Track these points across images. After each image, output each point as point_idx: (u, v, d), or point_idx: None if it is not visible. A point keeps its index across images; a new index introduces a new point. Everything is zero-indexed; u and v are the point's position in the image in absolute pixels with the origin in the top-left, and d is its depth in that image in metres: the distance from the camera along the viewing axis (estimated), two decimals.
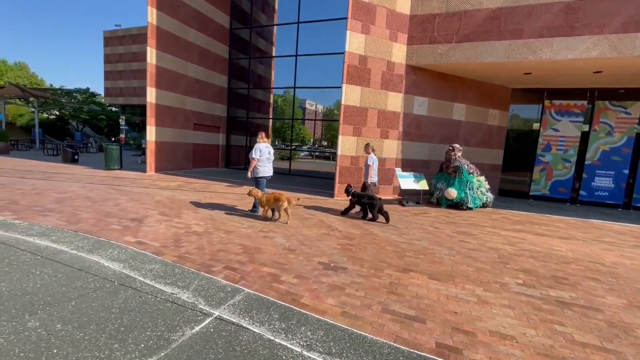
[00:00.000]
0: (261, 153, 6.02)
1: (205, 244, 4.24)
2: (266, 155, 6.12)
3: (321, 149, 34.63)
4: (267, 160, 6.17)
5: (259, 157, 5.99)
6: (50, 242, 3.90)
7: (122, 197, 6.96)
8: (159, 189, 8.36)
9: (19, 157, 15.37)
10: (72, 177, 9.35)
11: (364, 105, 8.74)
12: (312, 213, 6.66)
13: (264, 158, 6.08)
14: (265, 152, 6.10)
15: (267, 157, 6.15)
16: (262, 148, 6.03)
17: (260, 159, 6.04)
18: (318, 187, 10.82)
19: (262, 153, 6.03)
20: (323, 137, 55.90)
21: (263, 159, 6.08)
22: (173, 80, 12.04)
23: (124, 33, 25.37)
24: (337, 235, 5.10)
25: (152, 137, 11.41)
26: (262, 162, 6.10)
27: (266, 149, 6.12)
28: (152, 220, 5.24)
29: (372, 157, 6.71)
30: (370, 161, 6.66)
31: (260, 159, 6.02)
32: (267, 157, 6.16)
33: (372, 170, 6.66)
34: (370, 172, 6.66)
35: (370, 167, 6.63)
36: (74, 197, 6.62)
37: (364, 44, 8.49)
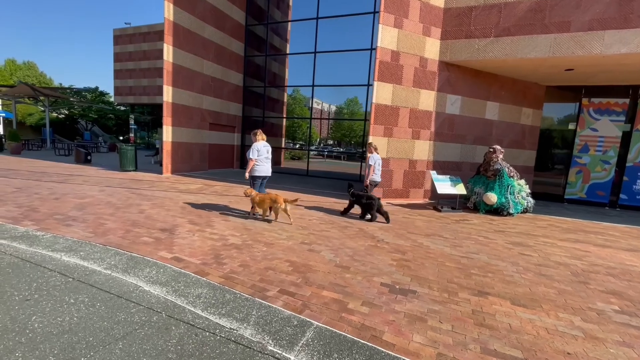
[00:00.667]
0: (259, 153, 5.74)
1: (249, 261, 3.79)
2: (265, 154, 5.84)
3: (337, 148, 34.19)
4: (265, 160, 5.89)
5: (257, 157, 5.73)
6: (79, 259, 3.47)
7: (145, 202, 6.54)
8: (180, 192, 7.94)
9: (31, 157, 15.10)
10: (88, 180, 8.98)
11: (395, 104, 8.24)
12: (349, 221, 6.19)
13: (262, 157, 5.81)
14: (264, 151, 5.83)
15: (265, 156, 5.86)
16: (260, 147, 5.75)
17: (259, 158, 5.77)
18: (341, 189, 10.33)
19: (260, 152, 5.75)
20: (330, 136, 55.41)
21: (262, 158, 5.81)
22: (189, 78, 11.62)
23: (134, 31, 25.05)
24: (386, 249, 4.63)
25: (169, 137, 11.01)
26: (261, 161, 5.82)
27: (264, 147, 5.84)
28: (183, 230, 4.81)
29: (374, 156, 6.58)
30: (372, 161, 6.54)
31: (258, 158, 5.76)
32: (266, 156, 5.88)
33: (374, 169, 6.56)
34: (371, 171, 6.54)
35: (371, 167, 6.51)
36: (94, 202, 6.22)
37: (397, 39, 7.99)
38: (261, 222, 5.62)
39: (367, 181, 6.63)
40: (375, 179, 6.67)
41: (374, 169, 6.55)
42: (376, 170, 6.62)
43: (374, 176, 6.63)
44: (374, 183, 6.71)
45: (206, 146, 12.89)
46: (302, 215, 6.39)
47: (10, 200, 5.91)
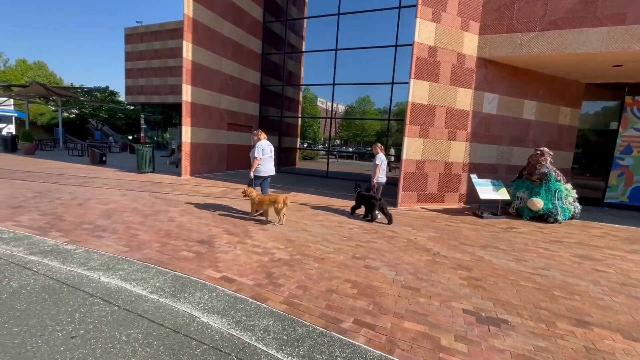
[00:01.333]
0: (263, 152, 5.74)
1: (306, 281, 3.36)
2: (268, 153, 5.83)
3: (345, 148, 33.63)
4: (269, 159, 5.87)
5: (261, 156, 5.72)
6: (119, 280, 3.07)
7: (172, 208, 6.16)
8: (204, 196, 7.56)
9: (45, 157, 14.87)
10: (107, 183, 8.64)
11: (431, 103, 7.76)
12: (393, 230, 5.74)
13: (266, 156, 5.80)
14: (268, 151, 5.81)
15: (269, 155, 5.86)
16: (264, 146, 5.75)
17: (263, 157, 5.76)
18: None
19: (264, 152, 5.75)
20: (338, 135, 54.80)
21: (265, 157, 5.80)
22: (208, 76, 11.24)
23: (145, 30, 24.77)
24: (447, 264, 4.17)
25: (188, 138, 10.65)
26: (264, 161, 5.82)
27: (268, 146, 5.84)
28: (222, 242, 4.40)
29: (381, 156, 6.54)
30: (379, 161, 6.50)
31: (262, 157, 5.75)
32: (269, 155, 5.88)
33: (380, 170, 6.51)
34: (377, 172, 6.50)
35: (378, 167, 6.47)
36: (120, 209, 5.85)
37: (434, 34, 7.50)
38: (301, 232, 5.20)
39: (374, 181, 6.54)
40: (380, 180, 6.60)
41: (379, 169, 6.47)
42: (381, 170, 6.55)
43: (379, 177, 6.55)
44: (379, 183, 6.63)
45: (224, 147, 12.51)
46: (340, 222, 5.95)
47: (33, 207, 5.57)
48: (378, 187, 6.67)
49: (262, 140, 5.81)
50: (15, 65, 44.81)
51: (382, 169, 6.52)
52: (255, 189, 5.84)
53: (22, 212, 5.23)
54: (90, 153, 13.55)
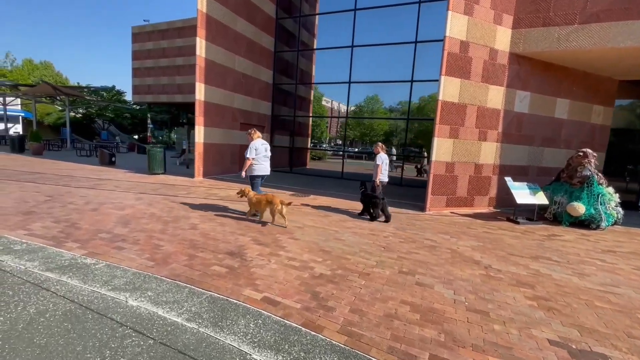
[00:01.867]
0: (257, 151, 5.59)
1: (359, 303, 2.95)
2: (263, 152, 5.67)
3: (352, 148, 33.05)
4: (264, 158, 5.72)
5: (254, 156, 5.59)
6: (150, 303, 2.68)
7: (191, 214, 5.78)
8: (222, 200, 7.19)
9: (53, 157, 14.59)
10: (119, 185, 8.29)
11: (462, 101, 7.31)
12: (431, 238, 5.31)
13: (260, 156, 5.65)
14: (262, 150, 5.66)
15: (264, 155, 5.70)
16: (258, 146, 5.60)
17: (257, 157, 5.63)
18: (394, 196, 9.45)
19: (258, 151, 5.60)
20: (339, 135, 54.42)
21: (260, 157, 5.66)
22: (221, 75, 10.86)
23: (152, 28, 24.46)
24: (505, 280, 3.74)
25: (201, 138, 10.28)
26: (259, 160, 5.68)
27: (262, 146, 5.68)
28: (254, 253, 4.00)
29: (382, 156, 6.51)
30: (379, 161, 6.47)
31: (257, 157, 5.61)
32: (264, 155, 5.72)
33: (381, 169, 6.49)
34: (378, 171, 6.47)
35: (379, 167, 6.45)
36: (137, 214, 5.47)
37: (466, 28, 7.05)
38: (334, 241, 4.79)
39: (377, 181, 6.49)
40: (382, 179, 6.58)
41: (381, 168, 6.44)
42: (383, 170, 6.51)
43: (381, 176, 6.51)
44: (382, 183, 6.59)
45: (237, 147, 12.13)
46: (372, 230, 5.54)
47: (45, 213, 5.21)
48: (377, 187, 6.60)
49: (256, 140, 5.65)
50: (22, 65, 44.88)
51: (383, 168, 6.51)
52: (254, 189, 5.77)
53: (34, 218, 4.87)
54: (99, 154, 13.24)
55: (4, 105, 22.54)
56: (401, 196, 9.53)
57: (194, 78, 10.08)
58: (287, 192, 8.78)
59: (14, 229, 4.34)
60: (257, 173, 5.73)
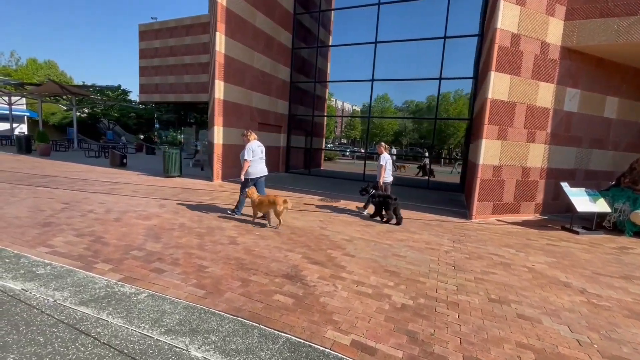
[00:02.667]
0: (254, 153, 5.55)
1: (469, 348, 2.38)
2: (259, 154, 5.67)
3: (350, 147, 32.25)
4: (260, 160, 5.71)
5: (252, 158, 5.53)
6: (219, 354, 2.12)
7: (224, 223, 5.23)
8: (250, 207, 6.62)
9: (61, 159, 14.07)
10: (137, 190, 7.74)
11: (512, 99, 6.72)
12: (496, 253, 4.72)
13: (256, 158, 5.62)
14: (258, 152, 5.65)
15: (260, 157, 5.69)
16: (254, 148, 5.58)
17: (253, 160, 5.58)
18: (432, 201, 8.87)
19: (255, 153, 5.56)
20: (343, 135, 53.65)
21: (256, 159, 5.62)
22: (240, 72, 10.30)
23: (160, 26, 23.90)
24: (613, 309, 3.17)
25: (220, 139, 9.73)
26: (255, 162, 5.63)
27: (258, 147, 5.67)
28: (313, 275, 3.44)
29: (385, 156, 6.46)
30: (383, 161, 6.40)
31: (253, 159, 5.56)
32: (260, 156, 5.71)
33: (385, 170, 6.43)
34: (383, 172, 6.39)
35: (382, 167, 6.37)
36: (166, 225, 4.92)
37: (518, 19, 6.46)
38: (393, 257, 4.21)
39: (381, 182, 6.41)
40: (386, 180, 6.52)
41: (384, 169, 6.38)
42: (387, 170, 6.45)
43: (385, 177, 6.44)
44: (385, 183, 6.52)
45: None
46: (428, 243, 4.96)
47: (65, 224, 4.66)
48: (385, 187, 6.53)
49: (252, 142, 5.62)
50: (26, 65, 44.54)
51: (387, 169, 6.44)
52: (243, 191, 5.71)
53: (54, 231, 4.32)
54: (110, 155, 12.70)
55: (9, 104, 22.05)
56: (435, 201, 8.94)
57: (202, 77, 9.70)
58: (314, 197, 8.21)
59: (33, 245, 3.79)
60: (252, 175, 5.65)
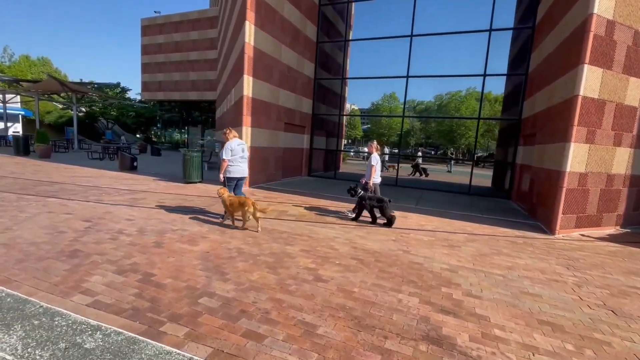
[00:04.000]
0: (233, 152, 5.27)
1: None
2: (240, 153, 5.36)
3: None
4: (240, 159, 5.40)
5: (230, 157, 5.27)
6: None
7: (289, 248, 4.28)
8: (296, 221, 5.70)
9: (63, 161, 12.96)
10: (162, 200, 6.74)
11: (601, 97, 5.85)
12: (635, 286, 3.83)
13: (237, 157, 5.33)
14: (239, 150, 5.34)
15: (240, 156, 5.38)
16: (234, 146, 5.28)
17: (233, 158, 5.30)
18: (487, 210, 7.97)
19: (234, 152, 5.28)
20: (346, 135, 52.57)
21: (236, 158, 5.33)
22: (269, 67, 9.34)
23: (164, 20, 22.77)
24: None
25: (248, 141, 8.75)
26: (235, 162, 5.34)
27: (239, 146, 5.35)
28: (462, 336, 2.50)
29: (376, 156, 6.21)
30: (374, 161, 6.16)
31: (233, 158, 5.29)
32: (241, 156, 5.40)
33: (376, 171, 6.18)
34: (373, 173, 6.15)
35: (373, 168, 6.12)
36: (222, 252, 3.96)
37: (614, 3, 5.59)
38: (529, 298, 3.30)
39: (370, 183, 6.14)
40: (375, 180, 6.24)
41: (375, 169, 6.13)
42: (377, 171, 6.20)
43: (374, 178, 6.17)
44: (374, 184, 6.25)
45: (280, 151, 10.62)
46: (542, 270, 4.04)
47: (97, 253, 3.67)
48: (375, 189, 6.29)
49: (232, 140, 5.33)
50: (19, 61, 42.91)
51: (377, 169, 6.22)
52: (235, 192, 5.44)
53: (86, 266, 3.33)
54: (119, 157, 11.63)
55: (4, 102, 20.79)
56: (491, 210, 8.05)
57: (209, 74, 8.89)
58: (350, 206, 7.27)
59: (65, 291, 2.81)
60: (232, 175, 5.36)
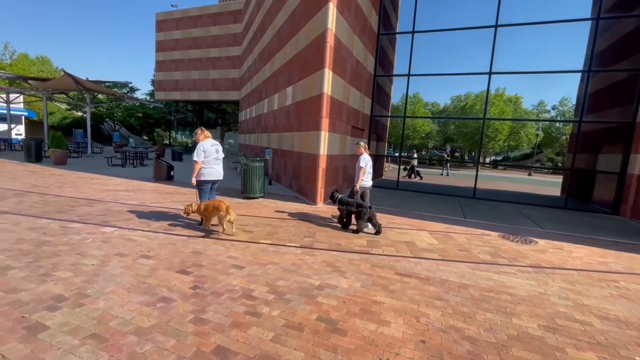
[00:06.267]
0: (206, 153, 4.87)
1: None
2: (213, 154, 4.97)
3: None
4: (214, 161, 5.00)
5: (202, 159, 4.86)
6: None
7: (467, 307, 2.79)
8: (444, 259, 4.20)
9: (81, 168, 11.36)
10: (249, 228, 5.22)
11: None
12: None
13: (211, 158, 4.92)
14: (213, 152, 4.95)
15: (214, 157, 4.99)
16: (206, 147, 4.89)
17: (207, 160, 4.89)
18: (608, 231, 6.52)
19: (207, 153, 4.88)
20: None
21: (210, 159, 4.92)
22: (343, 60, 7.87)
23: (181, 15, 21.18)
24: None
25: (325, 148, 7.26)
26: (209, 163, 4.93)
27: (212, 147, 4.96)
28: None
29: (366, 157, 5.67)
30: (363, 163, 5.62)
31: (205, 160, 4.88)
32: (215, 157, 5.01)
33: (365, 173, 5.66)
34: (362, 175, 5.61)
35: (362, 170, 5.61)
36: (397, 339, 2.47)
37: None
38: None
39: (357, 186, 5.63)
40: (365, 184, 5.77)
41: (364, 171, 5.63)
42: (366, 173, 5.71)
43: (363, 181, 5.68)
44: (363, 188, 5.80)
45: (347, 158, 9.14)
46: None
47: (250, 353, 2.16)
48: (363, 192, 5.82)
49: (204, 140, 4.97)
50: (18, 60, 41.00)
51: (367, 172, 5.71)
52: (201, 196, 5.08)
53: None
54: (155, 166, 10.06)
55: (7, 102, 19.02)
56: (614, 231, 6.61)
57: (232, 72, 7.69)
58: (474, 230, 5.80)
59: None
60: (206, 178, 4.98)
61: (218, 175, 5.09)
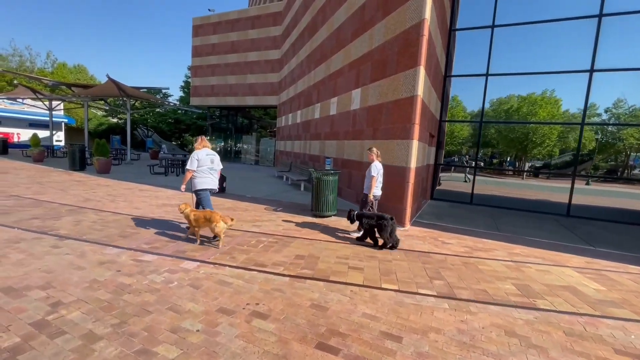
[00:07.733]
0: (200, 162, 4.79)
1: None
2: (207, 164, 4.86)
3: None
4: (208, 171, 4.88)
5: (195, 168, 4.76)
6: None
7: None
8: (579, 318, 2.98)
9: (124, 178, 10.80)
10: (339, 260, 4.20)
11: None
12: None
13: (204, 168, 4.82)
14: (207, 161, 4.85)
15: (208, 167, 4.87)
16: (200, 157, 4.81)
17: (200, 169, 4.79)
18: None
19: (201, 162, 4.80)
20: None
21: (203, 169, 4.82)
22: (430, 57, 6.77)
23: (219, 19, 20.79)
24: None
25: (414, 160, 6.17)
26: (202, 173, 4.82)
27: (207, 157, 4.87)
28: None
29: (377, 165, 5.27)
30: (375, 171, 5.21)
31: (199, 169, 4.78)
32: (209, 167, 4.88)
33: (377, 181, 5.26)
34: (373, 183, 5.21)
35: (374, 178, 5.20)
36: None
37: None
38: None
39: (370, 196, 5.23)
40: (376, 193, 5.34)
41: (376, 180, 5.23)
42: (378, 182, 5.32)
43: (375, 190, 5.29)
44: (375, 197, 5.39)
45: (425, 170, 8.01)
46: None
47: None
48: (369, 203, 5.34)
49: (200, 149, 4.86)
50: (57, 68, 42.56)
51: (378, 180, 5.30)
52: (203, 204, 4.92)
53: None
54: None
55: (50, 110, 19.14)
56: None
57: (271, 76, 6.71)
58: (630, 267, 4.50)
59: None
60: (199, 187, 4.81)
61: (211, 184, 4.98)
